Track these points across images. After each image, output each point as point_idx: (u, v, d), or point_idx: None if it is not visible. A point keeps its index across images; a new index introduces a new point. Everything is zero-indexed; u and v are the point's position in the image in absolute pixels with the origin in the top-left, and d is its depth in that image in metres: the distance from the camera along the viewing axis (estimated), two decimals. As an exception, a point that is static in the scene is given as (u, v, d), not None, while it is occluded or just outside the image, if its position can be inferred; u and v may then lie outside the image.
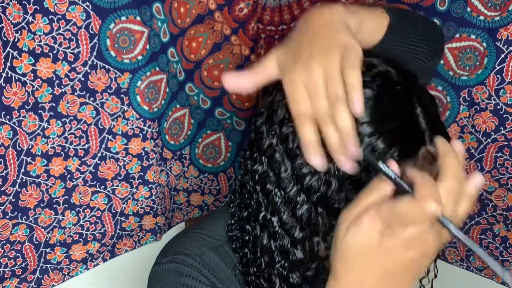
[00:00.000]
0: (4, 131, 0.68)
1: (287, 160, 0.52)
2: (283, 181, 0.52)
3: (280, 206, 0.53)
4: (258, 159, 0.55)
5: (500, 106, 0.80)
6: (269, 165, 0.53)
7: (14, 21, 0.64)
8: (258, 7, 0.85)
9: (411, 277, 0.44)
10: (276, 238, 0.54)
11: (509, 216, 0.86)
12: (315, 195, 0.51)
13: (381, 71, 0.50)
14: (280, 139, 0.52)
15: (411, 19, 0.59)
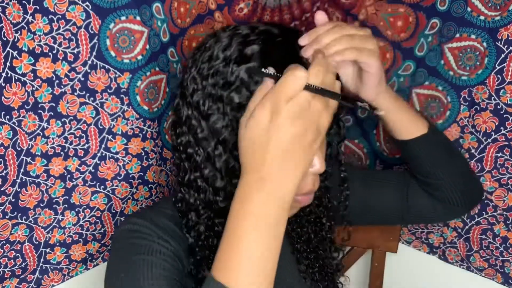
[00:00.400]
0: (4, 131, 0.68)
1: (202, 121, 0.58)
2: (201, 141, 0.59)
3: (201, 164, 0.59)
4: (180, 132, 0.61)
5: (500, 106, 0.80)
6: (189, 133, 0.60)
7: (14, 21, 0.64)
8: (258, 7, 0.85)
9: (304, 151, 0.50)
10: (200, 193, 0.60)
11: (509, 216, 0.86)
12: (230, 143, 0.57)
13: (262, 30, 0.58)
14: (193, 107, 0.59)
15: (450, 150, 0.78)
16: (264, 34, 0.58)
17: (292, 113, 0.49)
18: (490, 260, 0.92)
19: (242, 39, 0.57)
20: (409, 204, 0.79)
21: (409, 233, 1.03)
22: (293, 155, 0.49)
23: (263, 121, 0.49)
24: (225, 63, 0.56)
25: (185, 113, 0.60)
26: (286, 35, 0.59)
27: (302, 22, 0.88)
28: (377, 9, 0.84)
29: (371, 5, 0.84)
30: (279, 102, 0.49)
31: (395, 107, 0.70)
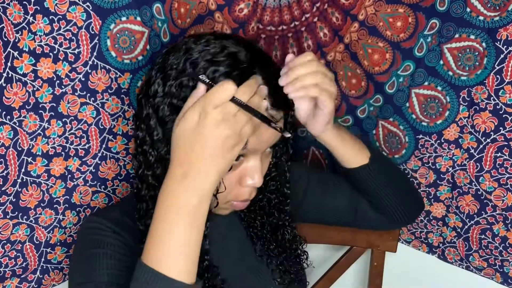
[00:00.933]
0: (5, 131, 0.68)
1: (159, 126, 0.62)
2: (156, 144, 0.63)
3: (154, 164, 0.64)
4: (139, 126, 0.65)
5: (499, 106, 0.80)
6: (146, 131, 0.64)
7: (14, 21, 0.64)
8: (258, 8, 0.85)
9: (224, 152, 0.56)
10: (150, 189, 0.65)
11: (508, 216, 0.86)
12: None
13: (231, 52, 0.62)
14: (153, 109, 0.63)
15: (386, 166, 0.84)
16: (231, 58, 0.61)
17: (216, 118, 0.55)
18: (489, 259, 0.93)
19: (210, 57, 0.61)
20: (357, 214, 0.86)
21: (409, 233, 1.03)
22: (214, 154, 0.56)
23: (192, 122, 0.56)
24: (189, 78, 0.60)
25: (145, 111, 0.64)
26: (252, 63, 0.62)
27: (302, 22, 0.88)
28: (377, 10, 0.84)
29: (371, 6, 0.84)
30: (207, 106, 0.55)
31: (338, 143, 0.77)
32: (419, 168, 0.94)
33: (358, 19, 0.86)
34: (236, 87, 0.56)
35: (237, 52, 0.62)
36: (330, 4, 0.86)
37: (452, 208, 0.93)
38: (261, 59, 0.65)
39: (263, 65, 0.64)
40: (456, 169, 0.89)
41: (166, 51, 0.65)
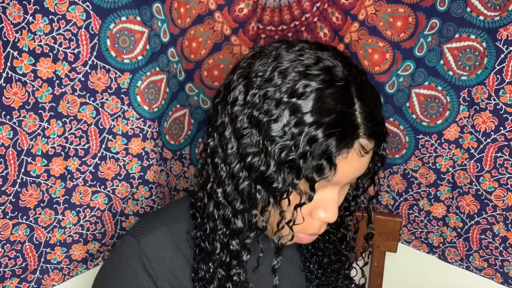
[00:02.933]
0: (4, 131, 0.68)
1: (234, 138, 0.57)
2: (229, 157, 0.57)
3: (225, 180, 0.58)
4: (211, 133, 0.60)
5: (500, 106, 0.80)
6: (219, 141, 0.58)
7: (14, 21, 0.64)
8: (258, 7, 0.85)
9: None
10: (219, 208, 0.59)
11: (509, 216, 0.86)
12: (255, 173, 0.55)
13: (327, 66, 0.55)
14: (230, 118, 0.57)
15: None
16: (326, 73, 0.54)
17: None
18: (489, 259, 0.92)
19: (302, 69, 0.54)
20: None
21: (409, 233, 1.03)
22: None
23: None
24: (276, 89, 0.53)
25: (220, 118, 0.58)
26: (349, 82, 0.55)
27: (302, 22, 0.88)
28: (377, 9, 0.84)
29: (371, 5, 0.84)
30: None
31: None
32: (419, 168, 0.93)
33: (358, 19, 0.86)
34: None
35: (334, 67, 0.55)
36: (330, 4, 0.86)
37: (452, 208, 0.93)
38: (359, 78, 0.57)
39: (361, 86, 0.56)
40: (456, 169, 0.89)
41: (252, 55, 0.59)
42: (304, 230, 0.61)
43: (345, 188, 0.63)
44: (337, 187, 0.58)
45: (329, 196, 0.58)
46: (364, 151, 0.55)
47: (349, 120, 0.53)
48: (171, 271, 0.63)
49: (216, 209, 0.60)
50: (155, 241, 0.63)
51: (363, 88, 0.56)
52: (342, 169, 0.54)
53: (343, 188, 0.62)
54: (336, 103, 0.53)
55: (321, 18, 0.87)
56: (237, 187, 0.57)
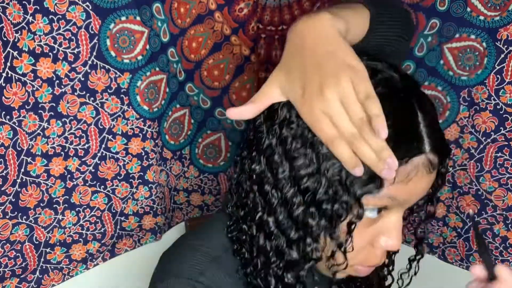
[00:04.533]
0: (4, 131, 0.68)
1: (285, 161, 0.52)
2: (281, 182, 0.52)
3: (277, 207, 0.53)
4: (256, 158, 0.54)
5: (500, 106, 0.80)
6: (268, 166, 0.53)
7: (14, 21, 0.64)
8: (258, 7, 0.85)
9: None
10: (272, 239, 0.54)
11: (508, 216, 0.86)
12: (310, 196, 0.51)
13: (385, 77, 0.51)
14: (279, 140, 0.52)
15: (386, 8, 0.61)
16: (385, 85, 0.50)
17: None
18: (489, 260, 0.92)
19: None
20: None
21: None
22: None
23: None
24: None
25: (267, 141, 0.53)
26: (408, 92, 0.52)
27: (302, 22, 0.88)
28: (377, 9, 0.84)
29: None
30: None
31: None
32: (419, 168, 0.93)
33: (358, 18, 0.86)
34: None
35: (391, 78, 0.51)
36: (330, 4, 0.86)
37: (452, 208, 0.93)
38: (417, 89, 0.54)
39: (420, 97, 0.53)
40: (456, 169, 0.89)
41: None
42: (364, 261, 0.56)
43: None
44: (402, 210, 0.53)
45: (393, 220, 0.53)
46: (432, 167, 0.51)
47: (414, 133, 0.50)
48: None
49: (268, 241, 0.55)
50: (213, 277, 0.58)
51: (423, 99, 0.53)
52: (411, 188, 0.51)
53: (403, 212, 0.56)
54: (398, 116, 0.49)
55: (321, 18, 0.87)
56: (290, 214, 0.52)
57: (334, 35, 0.50)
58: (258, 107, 0.53)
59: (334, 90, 0.47)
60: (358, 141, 0.47)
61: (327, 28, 0.50)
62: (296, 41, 0.52)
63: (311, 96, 0.48)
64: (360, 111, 0.47)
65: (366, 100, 0.46)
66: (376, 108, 0.46)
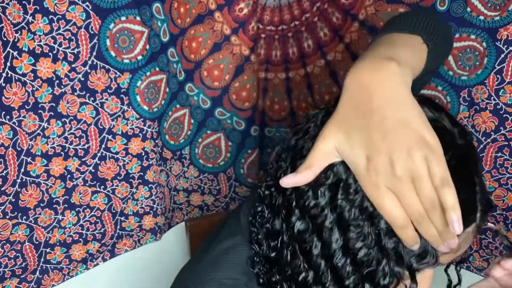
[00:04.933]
0: (4, 131, 0.68)
1: (337, 229, 0.48)
2: (331, 250, 0.49)
3: (325, 275, 0.50)
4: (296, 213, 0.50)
5: (500, 106, 0.80)
6: (314, 227, 0.49)
7: (14, 21, 0.64)
8: (258, 7, 0.85)
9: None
10: None
11: (509, 216, 0.86)
12: (365, 269, 0.48)
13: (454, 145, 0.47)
14: (332, 205, 0.48)
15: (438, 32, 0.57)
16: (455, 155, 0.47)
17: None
18: (489, 259, 0.92)
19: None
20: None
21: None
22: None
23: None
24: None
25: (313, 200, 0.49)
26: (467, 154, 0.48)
27: (302, 22, 0.88)
28: (377, 9, 0.84)
29: (371, 5, 0.84)
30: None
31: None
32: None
33: (359, 19, 0.86)
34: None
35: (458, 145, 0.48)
36: (330, 3, 0.86)
37: (452, 208, 0.93)
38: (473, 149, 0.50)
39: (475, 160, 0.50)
40: (456, 169, 0.89)
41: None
42: None
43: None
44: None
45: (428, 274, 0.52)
46: (478, 232, 0.50)
47: (471, 206, 0.48)
48: None
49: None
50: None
51: (477, 161, 0.50)
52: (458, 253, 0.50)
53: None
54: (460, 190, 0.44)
55: (321, 18, 0.87)
56: (340, 284, 0.49)
57: (406, 96, 0.44)
58: (315, 171, 0.48)
59: (406, 168, 0.42)
60: (425, 223, 0.44)
61: (399, 87, 0.45)
62: (360, 96, 0.46)
63: (378, 170, 0.43)
64: (434, 196, 0.43)
65: (442, 187, 0.42)
66: (452, 199, 0.42)
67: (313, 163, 0.47)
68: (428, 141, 0.43)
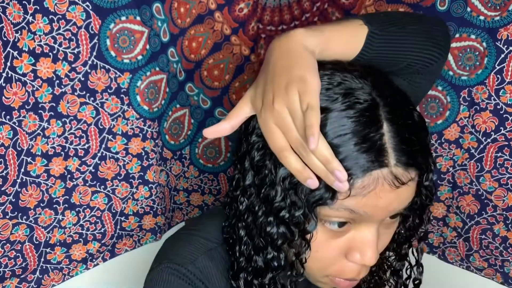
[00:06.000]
0: (4, 131, 0.68)
1: (251, 170, 0.55)
2: (248, 190, 0.56)
3: (245, 214, 0.56)
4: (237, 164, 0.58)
5: (500, 106, 0.80)
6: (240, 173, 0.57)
7: (14, 21, 0.64)
8: (258, 7, 0.85)
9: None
10: (242, 244, 0.58)
11: (509, 216, 0.86)
12: (269, 205, 0.53)
13: (347, 87, 0.51)
14: (247, 149, 0.55)
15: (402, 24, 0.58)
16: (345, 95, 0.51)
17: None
18: (489, 260, 0.92)
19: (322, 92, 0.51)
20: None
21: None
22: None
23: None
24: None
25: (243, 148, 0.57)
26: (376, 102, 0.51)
27: (302, 22, 0.88)
28: (377, 9, 0.84)
29: (371, 5, 0.84)
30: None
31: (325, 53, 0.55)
32: (419, 168, 0.93)
33: (358, 18, 0.86)
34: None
35: (358, 89, 0.51)
36: (330, 3, 0.86)
37: (452, 208, 0.93)
38: (394, 99, 0.52)
39: (395, 107, 0.51)
40: (456, 169, 0.89)
41: None
42: (340, 273, 0.55)
43: (390, 227, 0.56)
44: (374, 224, 0.52)
45: (366, 236, 0.52)
46: (399, 182, 0.49)
47: (373, 144, 0.48)
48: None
49: (239, 246, 0.58)
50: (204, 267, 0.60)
51: (398, 111, 0.51)
52: (371, 201, 0.50)
53: (387, 227, 0.55)
54: (356, 126, 0.48)
55: (321, 18, 0.87)
56: (255, 222, 0.54)
57: (297, 50, 0.51)
58: (231, 123, 0.54)
59: (282, 102, 0.48)
60: (306, 153, 0.47)
61: (292, 44, 0.51)
62: (267, 57, 0.54)
63: (265, 108, 0.50)
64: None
65: (306, 111, 0.46)
66: (312, 118, 0.46)
67: (230, 116, 0.55)
68: (304, 78, 0.48)
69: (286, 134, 0.48)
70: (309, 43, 0.51)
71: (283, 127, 0.49)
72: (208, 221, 0.65)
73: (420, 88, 0.66)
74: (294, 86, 0.48)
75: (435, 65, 0.62)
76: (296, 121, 0.48)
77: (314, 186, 0.49)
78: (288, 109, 0.48)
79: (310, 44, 0.52)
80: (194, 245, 0.61)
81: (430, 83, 0.67)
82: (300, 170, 0.49)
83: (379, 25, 0.56)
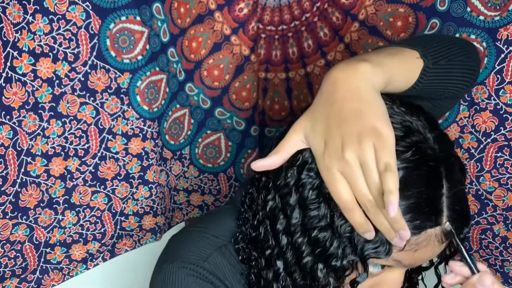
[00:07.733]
0: (4, 131, 0.68)
1: (299, 208, 0.52)
2: (292, 227, 0.52)
3: (286, 251, 0.53)
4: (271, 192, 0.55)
5: (500, 106, 0.80)
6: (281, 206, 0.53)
7: (14, 21, 0.64)
8: (258, 7, 0.85)
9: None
10: (279, 279, 0.55)
11: (509, 216, 0.86)
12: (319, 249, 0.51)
13: (417, 141, 0.49)
14: (296, 185, 0.52)
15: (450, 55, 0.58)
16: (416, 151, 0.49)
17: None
18: (489, 259, 0.92)
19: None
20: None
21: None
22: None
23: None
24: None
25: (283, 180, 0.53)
26: (439, 159, 0.50)
27: (302, 22, 0.88)
28: (377, 9, 0.84)
29: (371, 5, 0.84)
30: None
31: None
32: (419, 168, 0.93)
33: (358, 18, 0.86)
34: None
35: (424, 141, 0.50)
36: (330, 3, 0.86)
37: (452, 208, 0.93)
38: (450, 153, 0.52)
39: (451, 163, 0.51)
40: (456, 169, 0.89)
41: None
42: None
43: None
44: (405, 268, 0.54)
45: (396, 278, 0.54)
46: (445, 238, 0.51)
47: (434, 206, 0.49)
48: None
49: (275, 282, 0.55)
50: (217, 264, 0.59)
51: (453, 166, 0.51)
52: (419, 256, 0.51)
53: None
54: (422, 187, 0.48)
55: (321, 18, 0.87)
56: (298, 261, 0.52)
57: (367, 92, 0.48)
58: (283, 156, 0.52)
59: (354, 153, 0.45)
60: (373, 209, 0.46)
61: (361, 83, 0.48)
62: (329, 90, 0.50)
63: (331, 154, 0.47)
64: (378, 181, 0.45)
65: (384, 172, 0.44)
66: (391, 183, 0.44)
67: (281, 149, 0.51)
68: (379, 131, 0.45)
69: (354, 187, 0.46)
70: (376, 82, 0.49)
71: (351, 179, 0.46)
72: (216, 220, 0.65)
73: (443, 110, 0.67)
74: (368, 139, 0.45)
75: (463, 92, 0.63)
76: (369, 177, 0.45)
77: (371, 238, 0.48)
78: (360, 162, 0.45)
79: (377, 82, 0.49)
80: (204, 242, 0.60)
81: (452, 105, 0.69)
82: (364, 223, 0.47)
83: (432, 58, 0.55)
